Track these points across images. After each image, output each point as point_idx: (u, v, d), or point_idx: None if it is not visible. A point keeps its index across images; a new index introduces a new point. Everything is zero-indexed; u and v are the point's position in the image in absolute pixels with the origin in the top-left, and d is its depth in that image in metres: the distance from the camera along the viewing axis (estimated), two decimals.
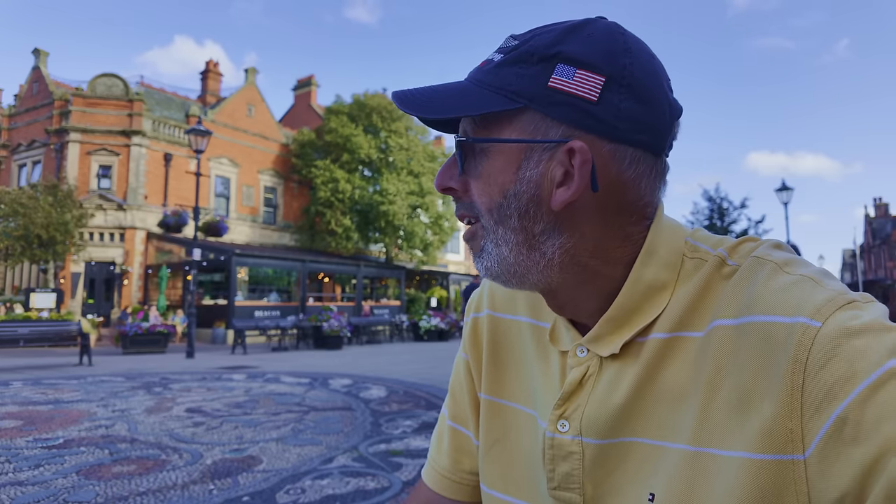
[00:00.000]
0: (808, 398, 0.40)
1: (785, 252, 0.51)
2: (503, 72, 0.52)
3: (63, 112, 20.66)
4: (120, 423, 5.17)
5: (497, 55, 0.53)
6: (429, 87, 0.56)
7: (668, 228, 0.55)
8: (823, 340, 0.40)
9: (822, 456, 0.39)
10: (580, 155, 0.49)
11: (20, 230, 17.22)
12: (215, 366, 10.55)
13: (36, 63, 22.72)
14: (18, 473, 3.63)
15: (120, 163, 20.59)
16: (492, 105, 0.50)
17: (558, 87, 0.49)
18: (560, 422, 0.54)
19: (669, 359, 0.50)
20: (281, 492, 3.32)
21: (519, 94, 0.50)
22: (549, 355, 0.60)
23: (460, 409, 0.71)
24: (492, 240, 0.54)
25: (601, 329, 0.53)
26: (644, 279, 0.52)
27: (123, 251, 20.24)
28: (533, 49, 0.51)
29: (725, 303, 0.48)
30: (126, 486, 3.39)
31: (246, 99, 25.10)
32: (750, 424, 0.43)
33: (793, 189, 16.71)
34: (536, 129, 0.51)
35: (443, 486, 0.71)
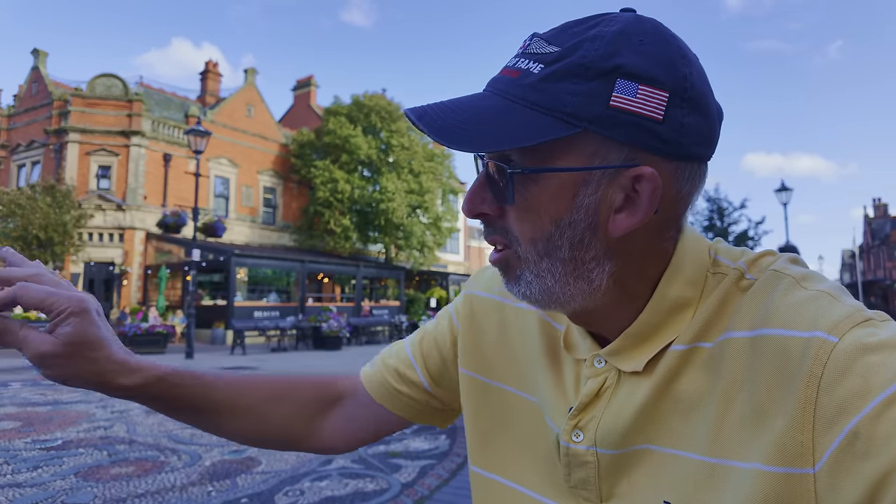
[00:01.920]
0: (821, 412, 0.40)
1: (802, 267, 0.51)
2: (552, 88, 0.46)
3: (62, 112, 20.65)
4: (119, 425, 5.16)
5: (534, 64, 0.47)
6: (453, 103, 0.50)
7: (692, 242, 0.54)
8: (839, 356, 0.40)
9: (832, 470, 0.39)
10: (650, 182, 0.46)
11: (18, 231, 17.21)
12: (215, 366, 10.55)
13: (35, 63, 22.71)
14: (17, 475, 3.62)
15: (119, 163, 20.58)
16: (547, 132, 0.45)
17: (621, 107, 0.45)
18: (574, 431, 0.54)
19: (685, 369, 0.50)
20: (280, 493, 3.31)
21: (577, 116, 0.45)
22: (562, 359, 0.59)
23: (426, 353, 0.71)
24: (532, 271, 0.50)
25: (622, 343, 0.53)
26: (669, 297, 0.52)
27: (123, 251, 20.23)
28: (587, 62, 0.45)
29: (741, 315, 0.48)
30: (124, 487, 3.38)
31: (245, 99, 25.09)
32: (765, 436, 0.43)
33: (792, 190, 16.73)
34: (596, 154, 0.47)
35: (381, 393, 0.72)
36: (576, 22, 0.49)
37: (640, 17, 0.49)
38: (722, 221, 24.71)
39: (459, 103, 0.50)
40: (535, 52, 0.48)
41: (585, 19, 0.49)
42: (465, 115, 0.48)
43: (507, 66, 0.51)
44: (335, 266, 23.57)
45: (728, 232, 24.55)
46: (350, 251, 25.18)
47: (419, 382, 0.71)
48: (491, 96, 0.49)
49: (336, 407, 0.74)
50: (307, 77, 31.77)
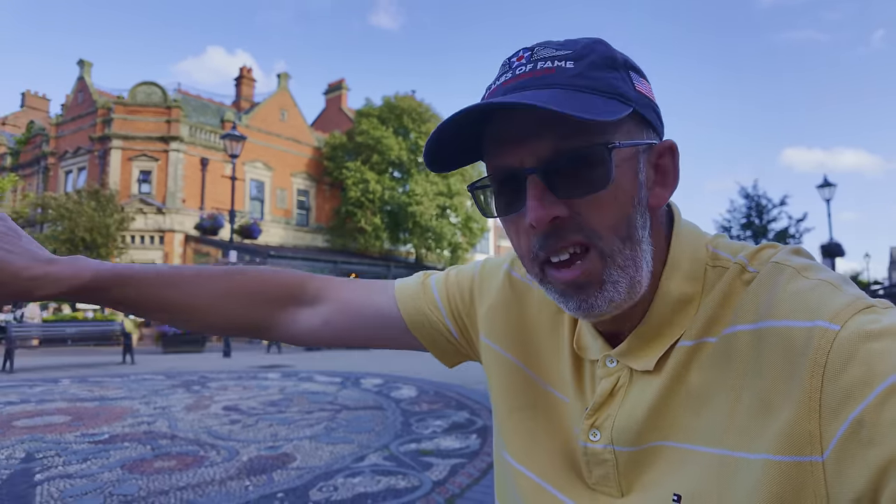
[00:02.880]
0: (827, 401, 0.41)
1: (804, 258, 0.51)
2: (599, 75, 0.49)
3: (106, 120, 21.47)
4: (161, 420, 5.35)
5: (561, 62, 0.49)
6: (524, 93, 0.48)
7: (687, 233, 0.56)
8: (842, 343, 0.41)
9: (838, 457, 0.39)
10: (673, 153, 0.53)
11: (66, 234, 17.97)
12: (251, 365, 10.80)
13: (81, 74, 23.66)
14: (68, 466, 3.80)
15: (159, 168, 21.27)
16: (618, 109, 0.47)
17: (642, 91, 0.52)
18: (592, 431, 0.55)
19: (693, 365, 0.51)
20: (314, 489, 3.39)
21: (627, 97, 0.49)
22: (582, 360, 0.61)
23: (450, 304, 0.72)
24: (619, 265, 0.49)
25: (632, 343, 0.54)
26: (672, 294, 0.53)
27: (163, 253, 20.90)
28: (608, 57, 0.50)
29: (744, 308, 0.49)
30: (167, 480, 3.51)
31: (279, 104, 25.60)
32: (772, 427, 0.44)
33: (835, 185, 16.12)
34: (637, 133, 0.51)
35: (412, 317, 0.72)
36: (553, 41, 0.53)
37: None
38: (760, 219, 23.94)
39: (522, 93, 0.48)
40: (550, 55, 0.50)
41: (557, 40, 0.53)
42: (548, 98, 0.46)
43: (524, 73, 0.50)
44: (367, 266, 23.83)
45: (767, 230, 23.77)
46: (381, 251, 25.40)
47: (446, 326, 0.72)
48: (542, 90, 0.48)
49: (306, 307, 0.73)
50: (338, 80, 32.17)
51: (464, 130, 0.51)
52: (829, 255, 17.11)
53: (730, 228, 24.67)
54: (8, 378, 8.59)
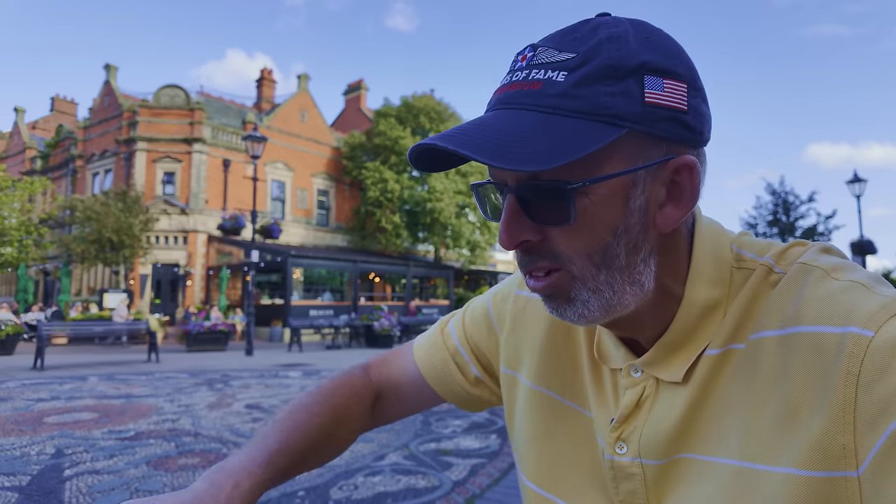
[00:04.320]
0: (862, 412, 0.38)
1: (834, 256, 0.49)
2: (587, 92, 0.44)
3: (131, 123, 21.92)
4: (185, 418, 5.43)
5: (554, 73, 0.45)
6: (481, 123, 0.46)
7: (710, 235, 0.53)
8: (877, 351, 0.38)
9: (876, 473, 0.37)
10: (691, 170, 0.47)
11: (94, 235, 18.40)
12: (273, 363, 10.93)
13: (107, 78, 24.19)
14: (95, 462, 3.88)
15: (182, 169, 21.64)
16: (599, 137, 0.43)
17: (656, 102, 0.45)
18: (618, 444, 0.53)
19: (722, 374, 0.49)
20: (335, 487, 3.40)
21: (621, 116, 0.44)
22: (600, 367, 0.59)
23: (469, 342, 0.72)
24: (590, 287, 0.48)
25: (658, 353, 0.51)
26: (698, 301, 0.50)
27: (186, 253, 21.27)
28: (614, 62, 0.45)
29: (771, 313, 0.47)
30: (191, 477, 3.56)
31: (299, 105, 25.84)
32: (799, 439, 0.41)
33: (866, 181, 15.69)
34: (639, 152, 0.46)
35: (435, 377, 0.73)
36: (571, 29, 0.48)
37: (633, 19, 0.50)
38: (788, 216, 23.43)
39: (490, 123, 0.46)
40: (547, 61, 0.46)
41: (577, 26, 0.48)
42: (506, 133, 0.44)
43: (516, 81, 0.47)
44: (386, 266, 23.92)
45: (795, 227, 23.25)
46: (400, 250, 25.48)
47: (470, 371, 0.72)
48: (521, 112, 0.46)
49: (378, 404, 0.76)
50: (357, 81, 32.37)
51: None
52: (860, 253, 16.67)
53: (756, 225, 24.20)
54: (39, 375, 8.82)
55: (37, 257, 21.55)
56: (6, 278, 27.03)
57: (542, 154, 0.42)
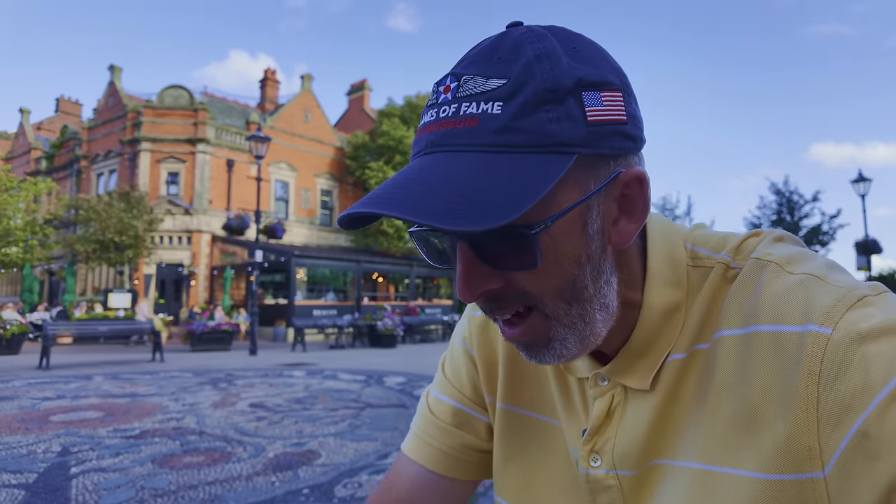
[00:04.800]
0: (825, 412, 0.38)
1: (787, 245, 0.48)
2: (529, 123, 0.41)
3: (135, 123, 22.00)
4: (189, 417, 5.45)
5: (488, 105, 0.41)
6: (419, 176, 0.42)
7: (662, 237, 0.52)
8: (836, 348, 0.38)
9: (842, 473, 0.37)
10: (640, 181, 0.45)
11: (97, 235, 18.47)
12: (276, 363, 10.95)
13: (111, 79, 24.28)
14: (101, 460, 3.90)
15: (186, 169, 21.71)
16: (552, 171, 0.40)
17: (598, 119, 0.42)
18: (592, 456, 0.52)
19: (688, 377, 0.48)
20: (339, 485, 3.41)
21: (568, 143, 0.41)
22: (566, 377, 0.57)
23: (461, 392, 0.65)
24: (565, 324, 0.45)
25: (623, 361, 0.50)
26: (658, 305, 0.49)
27: (190, 253, 21.33)
28: (550, 84, 0.41)
29: (729, 312, 0.46)
30: (196, 475, 3.57)
31: (302, 105, 25.88)
32: (762, 442, 0.41)
33: (871, 180, 15.62)
34: (589, 176, 0.43)
35: (442, 463, 0.63)
36: (489, 49, 0.44)
37: (552, 27, 0.46)
38: (792, 216, 23.34)
39: (428, 173, 0.41)
40: (477, 91, 0.42)
41: (496, 43, 0.44)
42: (450, 184, 0.40)
43: (445, 118, 0.43)
44: (389, 266, 23.94)
45: (799, 227, 23.16)
46: (403, 251, 25.50)
47: (479, 425, 0.64)
48: (459, 155, 0.41)
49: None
50: (360, 81, 32.40)
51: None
52: (866, 253, 16.59)
53: (759, 225, 24.12)
54: (44, 374, 8.86)
55: (42, 257, 21.66)
56: (11, 278, 27.16)
57: (499, 206, 0.38)
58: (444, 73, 0.46)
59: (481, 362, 0.64)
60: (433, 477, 0.63)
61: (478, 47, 0.45)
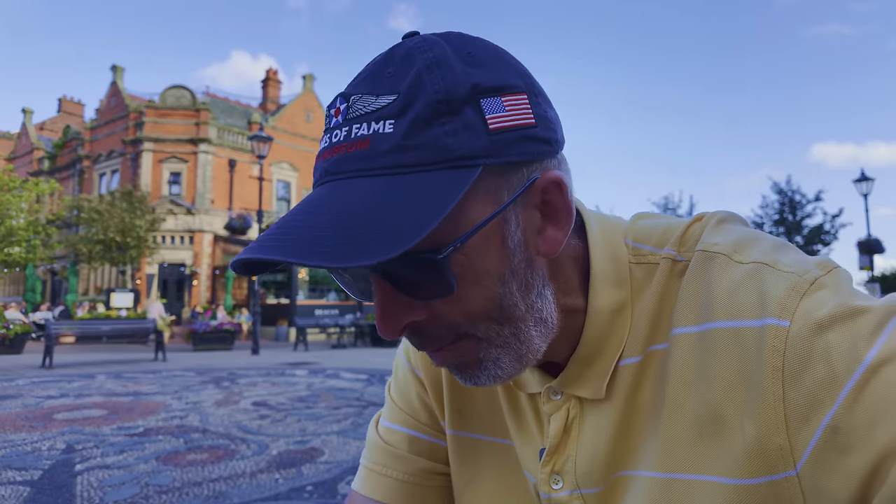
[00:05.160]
0: (792, 408, 0.37)
1: (731, 227, 0.46)
2: (424, 139, 0.38)
3: (137, 123, 22.06)
4: (192, 415, 5.47)
5: (379, 124, 0.39)
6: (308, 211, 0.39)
7: (602, 235, 0.49)
8: (796, 341, 0.37)
9: (815, 469, 0.36)
10: (558, 185, 0.42)
11: (99, 235, 18.52)
12: (279, 362, 10.97)
13: (113, 79, 24.35)
14: (105, 458, 3.92)
15: (188, 169, 21.76)
16: (454, 188, 0.37)
17: (501, 126, 0.40)
18: (553, 478, 0.49)
19: (645, 380, 0.46)
20: (342, 482, 3.42)
21: (469, 156, 0.38)
22: (516, 394, 0.54)
23: (415, 418, 0.61)
24: (497, 345, 0.43)
25: (574, 370, 0.48)
26: (604, 307, 0.47)
27: (192, 253, 21.38)
28: (442, 95, 0.39)
29: (682, 309, 0.44)
30: (200, 472, 3.58)
31: (304, 105, 25.92)
32: (730, 446, 0.39)
33: (873, 179, 15.61)
34: (500, 186, 0.41)
35: (403, 495, 0.58)
36: (382, 63, 0.42)
37: (447, 33, 0.44)
38: (794, 215, 23.31)
39: (319, 207, 0.39)
40: (367, 110, 0.40)
41: (388, 57, 0.42)
42: (343, 218, 0.37)
43: (337, 143, 0.40)
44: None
45: (801, 226, 23.13)
46: None
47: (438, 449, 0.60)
48: (352, 182, 0.39)
49: None
50: None
51: None
52: (868, 252, 16.57)
53: (762, 224, 24.09)
54: (48, 373, 8.89)
55: (44, 257, 21.72)
56: (14, 278, 27.24)
57: (394, 234, 0.35)
58: None
59: (429, 383, 0.60)
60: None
61: (369, 64, 0.43)
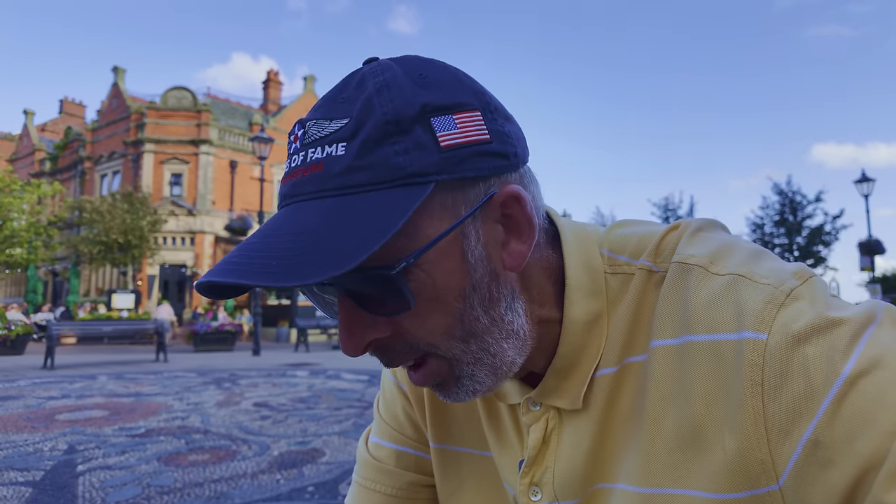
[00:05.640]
0: (773, 423, 0.37)
1: (707, 236, 0.46)
2: (374, 159, 0.39)
3: (139, 124, 22.10)
4: (194, 416, 5.48)
5: (332, 147, 0.40)
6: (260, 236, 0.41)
7: (576, 244, 0.49)
8: (774, 355, 0.37)
9: (797, 483, 0.36)
10: (517, 199, 0.43)
11: (100, 236, 18.54)
12: (280, 363, 10.97)
13: (115, 80, 24.38)
14: (107, 458, 3.93)
15: (189, 170, 21.79)
16: (405, 204, 0.38)
17: (452, 143, 0.41)
18: (532, 489, 0.50)
19: (621, 392, 0.46)
20: (343, 483, 3.42)
21: (420, 173, 0.39)
22: (497, 406, 0.55)
23: (402, 433, 0.62)
24: (468, 362, 0.43)
25: (551, 380, 0.48)
26: (579, 318, 0.47)
27: (193, 254, 21.40)
28: (391, 116, 0.40)
29: (660, 321, 0.44)
30: (201, 473, 3.59)
31: (305, 106, 25.95)
32: (711, 460, 0.39)
33: (874, 180, 15.60)
34: (457, 201, 0.41)
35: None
36: (337, 90, 0.44)
37: (402, 57, 0.46)
38: (795, 216, 23.29)
39: (275, 229, 0.40)
40: (321, 135, 0.41)
41: (344, 83, 0.44)
42: (294, 239, 0.38)
43: (296, 168, 0.42)
44: None
45: (802, 227, 23.10)
46: None
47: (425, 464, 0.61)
48: (306, 204, 0.40)
49: None
50: None
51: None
52: (869, 253, 16.56)
53: (762, 226, 24.08)
54: (49, 374, 8.90)
55: (46, 258, 21.75)
56: (16, 279, 27.27)
57: (339, 252, 0.36)
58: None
59: (413, 398, 0.61)
60: None
61: (328, 91, 0.45)
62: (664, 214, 25.92)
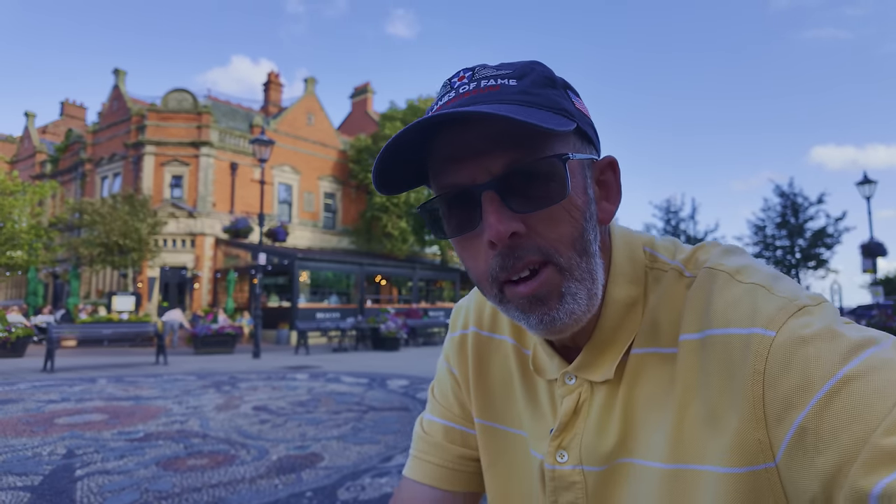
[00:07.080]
0: (770, 408, 0.41)
1: (737, 257, 0.52)
2: (543, 93, 0.49)
3: (139, 126, 22.10)
4: (193, 420, 5.46)
5: (503, 80, 0.49)
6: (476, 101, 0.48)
7: (623, 237, 0.57)
8: (778, 349, 0.42)
9: (789, 463, 0.40)
10: (615, 169, 0.54)
11: (100, 238, 18.54)
12: (280, 366, 10.96)
13: (115, 82, 24.40)
14: (106, 463, 3.92)
15: (190, 172, 21.79)
16: (565, 123, 0.47)
17: (581, 110, 0.52)
18: (559, 452, 0.54)
19: (644, 375, 0.51)
20: (342, 488, 3.42)
21: (571, 113, 0.50)
22: (535, 382, 0.60)
23: (450, 411, 0.69)
24: (577, 278, 0.48)
25: (588, 355, 0.53)
26: (620, 299, 0.53)
27: (194, 256, 21.39)
28: (548, 76, 0.51)
29: (687, 317, 0.49)
30: (199, 478, 3.58)
31: (305, 108, 25.95)
32: (721, 439, 0.44)
33: (876, 182, 15.56)
34: (582, 148, 0.52)
35: (441, 477, 0.66)
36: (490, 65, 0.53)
37: None
38: (796, 218, 23.24)
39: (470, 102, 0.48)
40: (492, 74, 0.50)
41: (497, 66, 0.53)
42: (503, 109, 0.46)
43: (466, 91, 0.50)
44: (392, 268, 23.94)
45: (804, 229, 23.05)
46: (406, 253, 25.51)
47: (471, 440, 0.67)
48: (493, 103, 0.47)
49: None
50: (363, 84, 32.45)
51: (414, 149, 0.50)
52: (871, 255, 16.52)
53: (764, 227, 24.04)
54: (49, 377, 8.89)
55: (46, 260, 21.75)
56: (16, 281, 27.27)
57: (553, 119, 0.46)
58: (445, 76, 0.52)
59: (462, 379, 0.68)
60: (434, 493, 0.65)
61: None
62: (665, 216, 25.85)
